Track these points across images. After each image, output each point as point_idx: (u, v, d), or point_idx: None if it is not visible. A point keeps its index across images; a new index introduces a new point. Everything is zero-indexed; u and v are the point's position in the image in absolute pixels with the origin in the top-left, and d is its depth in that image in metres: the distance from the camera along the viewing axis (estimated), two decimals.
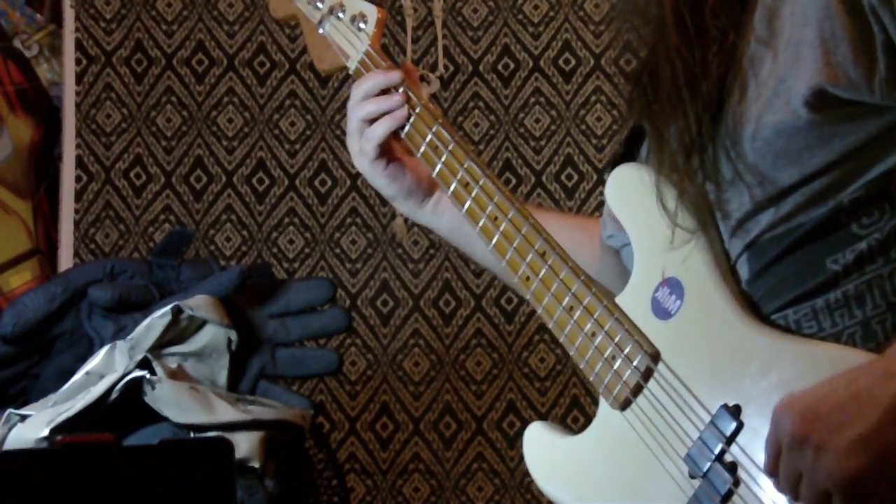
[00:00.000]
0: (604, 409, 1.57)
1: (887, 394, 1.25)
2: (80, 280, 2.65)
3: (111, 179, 3.33)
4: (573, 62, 3.36)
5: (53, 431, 2.27)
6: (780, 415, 1.32)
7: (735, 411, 1.40)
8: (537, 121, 3.36)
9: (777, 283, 1.43)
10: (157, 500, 1.50)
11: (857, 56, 1.34)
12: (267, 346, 2.61)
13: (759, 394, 1.39)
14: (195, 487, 1.50)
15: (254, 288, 2.63)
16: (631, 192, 1.57)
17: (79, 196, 3.32)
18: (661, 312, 1.51)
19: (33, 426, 2.32)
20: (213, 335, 2.52)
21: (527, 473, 1.60)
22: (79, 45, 3.33)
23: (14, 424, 2.36)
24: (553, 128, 3.35)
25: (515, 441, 3.29)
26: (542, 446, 1.65)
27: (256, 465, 2.30)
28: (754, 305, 1.46)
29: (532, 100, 3.36)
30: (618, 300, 1.56)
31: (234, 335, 2.53)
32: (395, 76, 1.80)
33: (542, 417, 3.28)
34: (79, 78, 3.33)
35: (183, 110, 3.35)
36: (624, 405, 1.53)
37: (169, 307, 2.47)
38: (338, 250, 3.35)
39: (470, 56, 3.37)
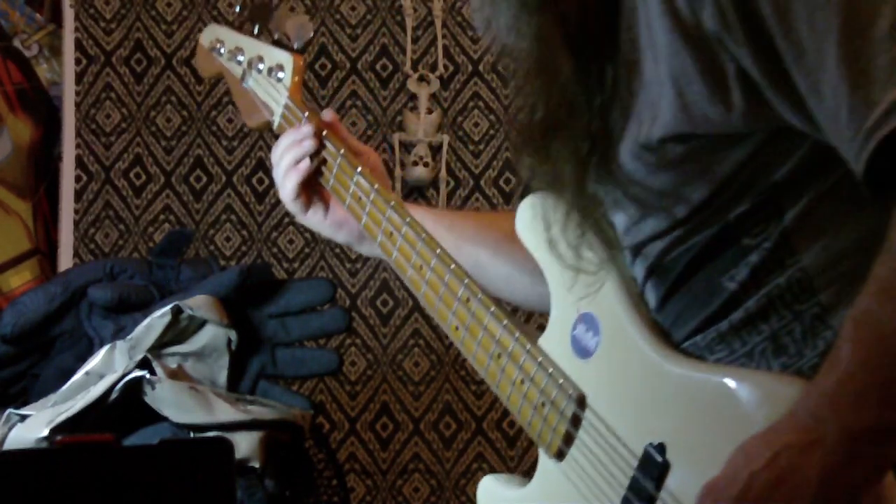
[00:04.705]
0: (543, 459, 1.49)
1: (814, 472, 1.16)
2: (79, 280, 2.65)
3: (111, 179, 3.33)
4: None
5: (53, 431, 2.27)
6: None
7: (660, 450, 1.33)
8: None
9: (682, 310, 1.37)
10: (156, 500, 1.49)
11: (712, 93, 1.25)
12: (267, 346, 2.61)
13: (681, 430, 1.31)
14: (195, 487, 1.50)
15: (253, 288, 2.63)
16: (538, 225, 1.48)
17: (78, 196, 3.32)
18: (582, 351, 1.43)
19: (33, 426, 2.32)
20: (213, 335, 2.52)
21: (526, 473, 1.57)
22: (78, 45, 3.33)
23: (14, 424, 2.37)
24: None
25: (515, 441, 3.29)
26: (492, 500, 1.60)
27: (256, 464, 2.30)
28: (666, 334, 1.38)
29: None
30: (540, 342, 1.49)
31: (233, 335, 2.53)
32: (305, 130, 1.76)
33: None
34: (78, 78, 3.33)
35: (183, 110, 3.35)
36: (559, 455, 1.45)
37: (169, 307, 2.47)
38: (338, 250, 3.35)
39: (470, 56, 3.37)
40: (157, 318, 2.47)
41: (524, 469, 3.26)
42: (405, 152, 3.36)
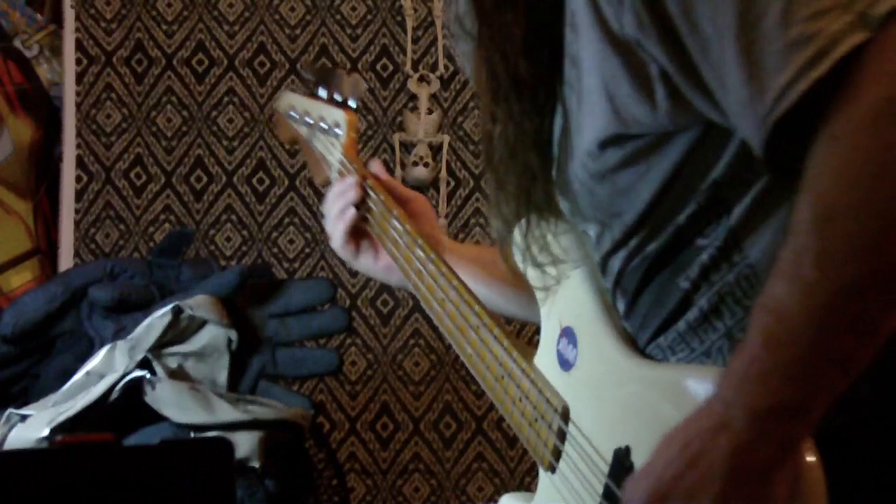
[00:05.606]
0: (541, 473, 1.52)
1: (721, 454, 1.18)
2: (80, 280, 2.66)
3: (111, 179, 3.33)
4: None
5: (54, 431, 2.27)
6: (628, 501, 1.25)
7: (626, 453, 1.34)
8: None
9: (645, 314, 1.40)
10: (156, 500, 1.50)
11: (638, 94, 1.29)
12: (267, 346, 2.61)
13: (643, 431, 1.33)
14: (195, 487, 1.50)
15: (254, 288, 2.63)
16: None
17: (79, 196, 3.32)
18: (565, 364, 1.47)
19: (34, 426, 2.32)
20: (214, 335, 2.52)
21: (527, 472, 1.58)
22: (79, 46, 3.33)
23: (14, 424, 2.37)
24: None
25: (515, 441, 3.29)
26: None
27: (256, 464, 2.31)
28: (633, 339, 1.41)
29: None
30: (535, 360, 1.52)
31: (234, 335, 2.53)
32: (349, 181, 1.85)
33: None
34: (79, 78, 3.33)
35: (183, 110, 3.35)
36: (551, 469, 1.48)
37: (169, 307, 2.47)
38: None
39: None
40: (158, 318, 2.47)
41: (524, 469, 3.26)
42: (405, 152, 3.36)
